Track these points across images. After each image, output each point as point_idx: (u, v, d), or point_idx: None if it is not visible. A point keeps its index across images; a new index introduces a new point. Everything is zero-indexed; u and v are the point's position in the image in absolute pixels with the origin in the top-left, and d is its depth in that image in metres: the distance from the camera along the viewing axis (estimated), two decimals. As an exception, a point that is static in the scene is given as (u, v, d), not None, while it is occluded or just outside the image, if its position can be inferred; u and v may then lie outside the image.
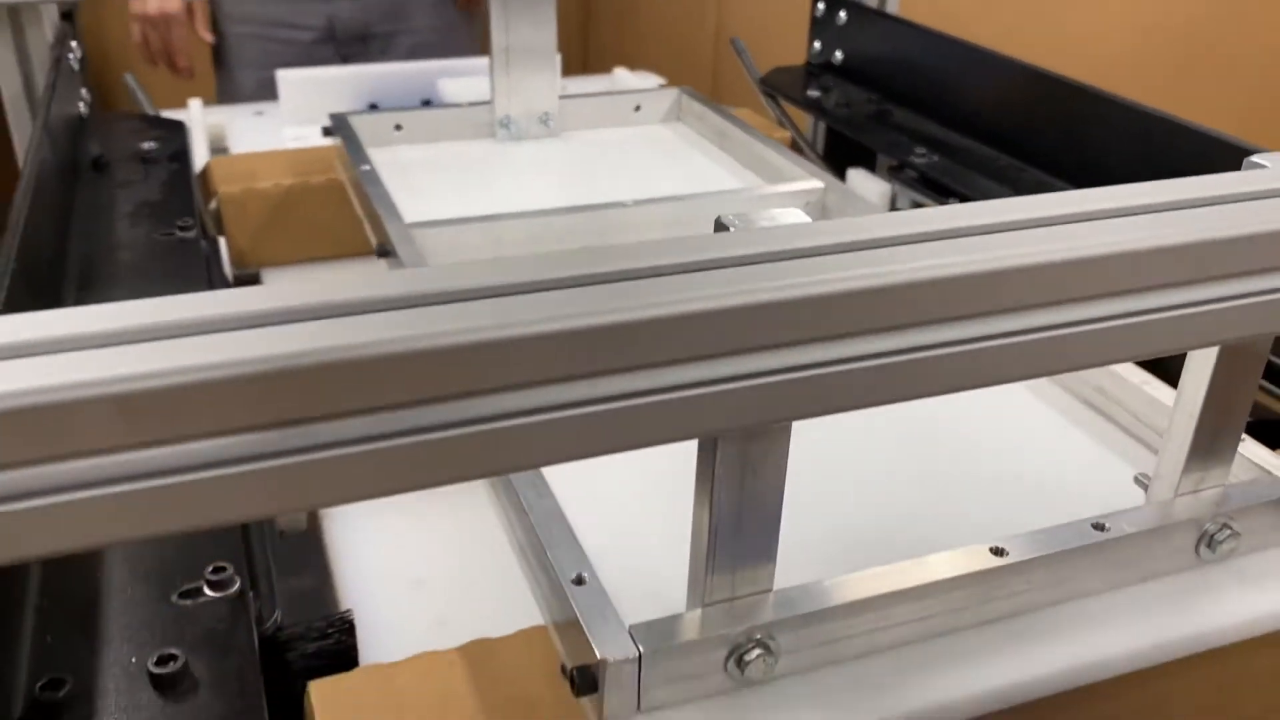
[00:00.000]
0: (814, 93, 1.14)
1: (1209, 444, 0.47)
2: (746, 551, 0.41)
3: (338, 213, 0.90)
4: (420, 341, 0.28)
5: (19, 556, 0.26)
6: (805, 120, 1.21)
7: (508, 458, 0.31)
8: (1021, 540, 0.45)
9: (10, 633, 0.40)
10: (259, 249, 0.92)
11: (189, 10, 1.63)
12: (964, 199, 0.89)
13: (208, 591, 0.44)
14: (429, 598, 0.54)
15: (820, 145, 1.22)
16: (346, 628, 0.47)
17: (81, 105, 0.96)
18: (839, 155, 1.14)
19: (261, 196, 0.92)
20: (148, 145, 0.92)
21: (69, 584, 0.44)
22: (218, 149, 1.23)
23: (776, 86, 1.17)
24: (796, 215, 0.37)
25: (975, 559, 0.44)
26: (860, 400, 0.34)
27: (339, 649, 0.47)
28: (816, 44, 1.20)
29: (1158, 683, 0.46)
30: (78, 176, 0.85)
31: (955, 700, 0.42)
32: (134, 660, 0.40)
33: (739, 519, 0.40)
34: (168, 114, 1.07)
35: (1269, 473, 0.51)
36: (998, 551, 0.45)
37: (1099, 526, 0.46)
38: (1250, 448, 0.53)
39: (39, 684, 0.39)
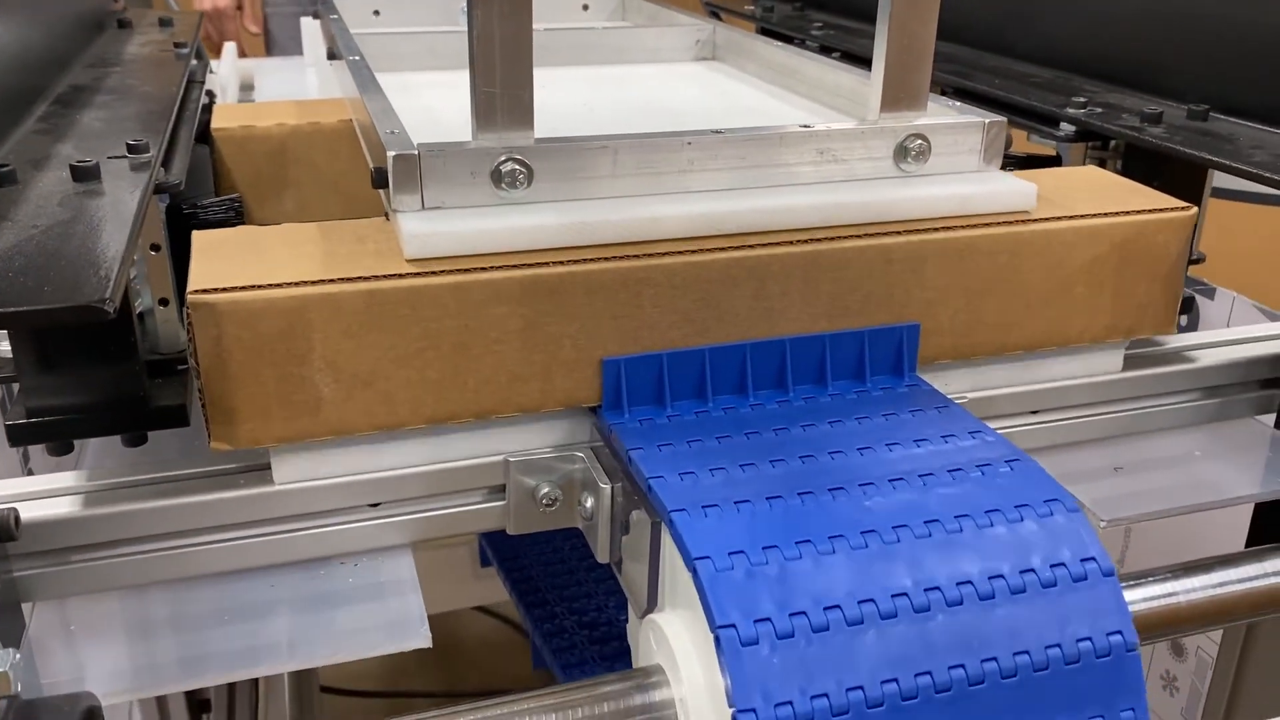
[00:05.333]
0: (749, 7, 1.30)
1: (900, 78, 0.61)
2: (509, 107, 0.55)
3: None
4: None
5: None
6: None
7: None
8: (740, 128, 0.59)
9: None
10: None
11: (239, 6, 1.86)
12: (845, 55, 1.04)
13: (126, 154, 0.59)
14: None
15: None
16: (238, 207, 0.62)
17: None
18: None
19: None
20: (166, 16, 1.10)
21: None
22: (246, 86, 1.42)
23: (721, 5, 1.33)
24: None
25: (698, 133, 0.58)
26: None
27: (231, 220, 0.62)
28: (760, -27, 1.36)
29: (861, 244, 0.58)
30: (104, 28, 1.04)
31: (667, 215, 0.55)
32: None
33: (498, 70, 0.54)
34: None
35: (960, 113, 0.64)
36: (715, 131, 0.58)
37: (806, 125, 0.60)
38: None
39: (-7, 165, 0.54)
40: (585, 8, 1.21)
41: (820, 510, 0.49)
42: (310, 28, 1.36)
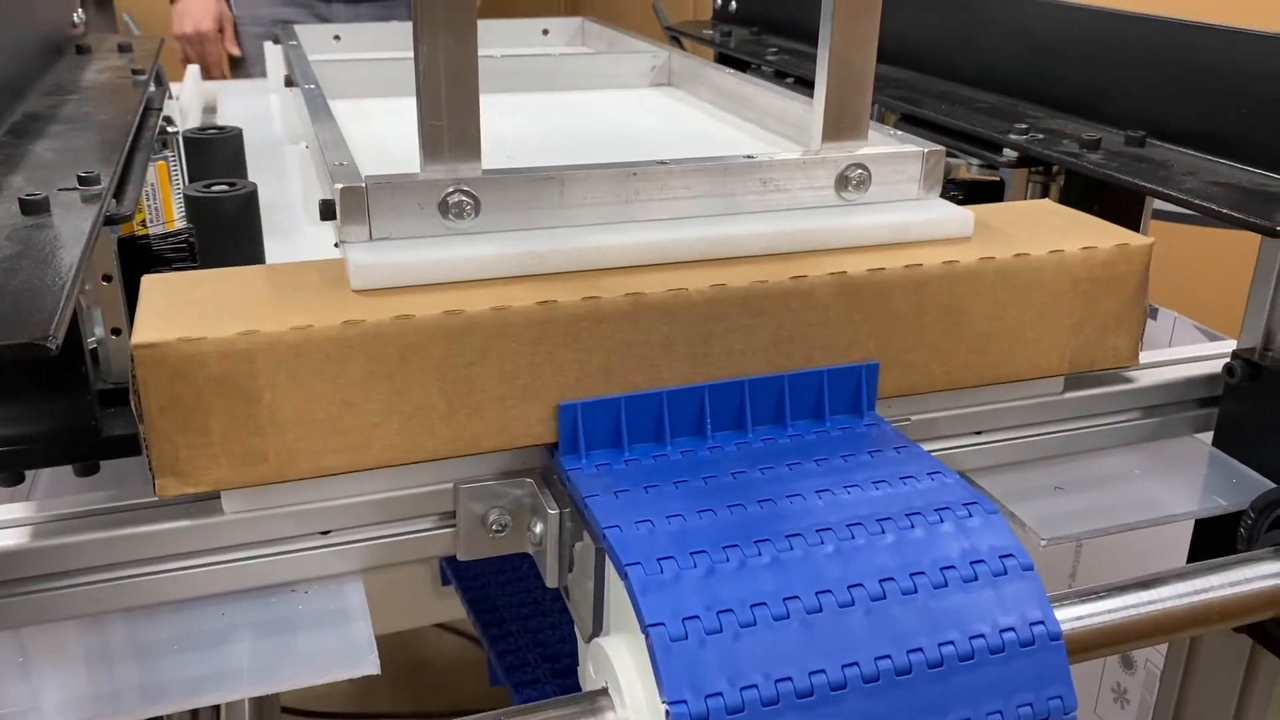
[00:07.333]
0: (709, 32, 1.31)
1: (841, 109, 0.62)
2: (455, 139, 0.55)
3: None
4: None
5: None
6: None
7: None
8: (686, 158, 0.60)
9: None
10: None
11: (220, 29, 1.87)
12: (798, 80, 1.05)
13: (77, 186, 0.60)
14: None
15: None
16: (190, 240, 0.63)
17: (75, 15, 1.15)
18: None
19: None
20: (125, 41, 1.11)
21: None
22: (209, 109, 1.42)
23: (681, 30, 1.35)
24: None
25: (644, 164, 0.59)
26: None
27: (184, 255, 0.62)
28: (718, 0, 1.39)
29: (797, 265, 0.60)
30: (62, 54, 1.04)
31: (614, 245, 0.57)
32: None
33: (444, 103, 0.55)
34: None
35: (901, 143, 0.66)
36: (660, 162, 0.59)
37: (750, 156, 0.61)
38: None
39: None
40: (545, 33, 1.23)
41: (777, 563, 0.48)
42: (274, 53, 1.36)
